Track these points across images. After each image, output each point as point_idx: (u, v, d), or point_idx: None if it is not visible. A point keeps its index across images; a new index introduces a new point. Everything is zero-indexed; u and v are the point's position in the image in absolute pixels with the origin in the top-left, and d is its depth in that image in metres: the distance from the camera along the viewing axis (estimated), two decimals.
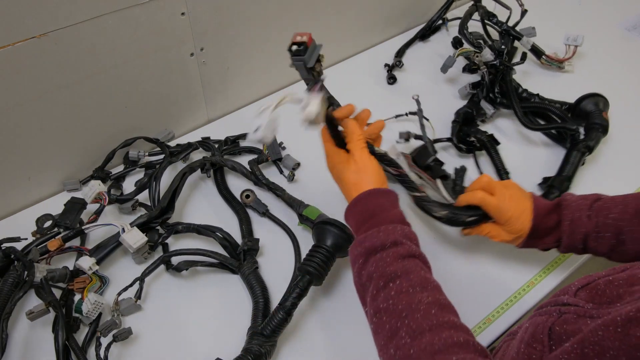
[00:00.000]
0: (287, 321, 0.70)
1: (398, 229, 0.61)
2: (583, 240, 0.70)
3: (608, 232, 0.69)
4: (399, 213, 0.65)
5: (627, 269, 0.54)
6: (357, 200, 0.65)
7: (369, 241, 0.60)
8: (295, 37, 0.63)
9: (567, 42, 1.13)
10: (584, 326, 0.47)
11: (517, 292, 0.80)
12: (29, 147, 0.84)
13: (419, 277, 0.56)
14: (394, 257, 0.58)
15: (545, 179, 0.92)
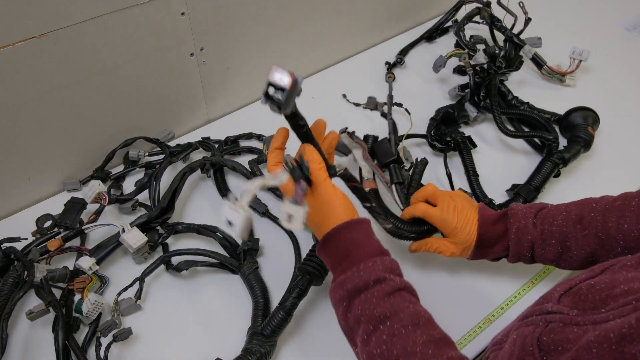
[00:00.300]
0: (287, 321, 0.70)
1: (378, 264, 0.58)
2: (530, 248, 0.71)
3: (553, 239, 0.69)
4: (375, 243, 0.61)
5: (606, 269, 0.54)
6: (328, 237, 0.61)
7: (350, 283, 0.57)
8: (274, 75, 0.54)
9: (573, 56, 1.11)
10: (571, 334, 0.47)
11: (501, 305, 0.80)
12: (29, 147, 0.84)
13: (409, 314, 0.55)
14: (379, 297, 0.56)
15: (514, 186, 0.91)
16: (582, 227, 0.69)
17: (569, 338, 0.47)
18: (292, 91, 0.54)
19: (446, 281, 0.82)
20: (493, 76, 1.03)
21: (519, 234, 0.71)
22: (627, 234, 0.65)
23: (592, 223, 0.68)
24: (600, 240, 0.67)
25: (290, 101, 0.55)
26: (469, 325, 0.76)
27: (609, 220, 0.67)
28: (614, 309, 0.46)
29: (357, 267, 0.58)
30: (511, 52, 1.12)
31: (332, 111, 1.09)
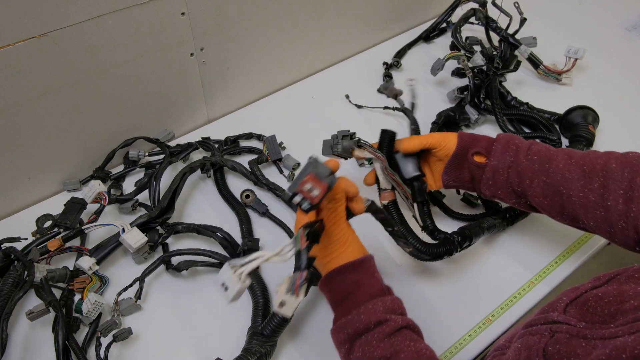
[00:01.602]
0: (287, 321, 0.70)
1: (379, 305, 0.59)
2: (514, 153, 0.72)
3: (536, 155, 0.71)
4: (376, 283, 0.62)
5: (611, 278, 0.54)
6: (333, 275, 0.62)
7: (351, 327, 0.58)
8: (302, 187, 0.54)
9: (568, 55, 1.11)
10: (579, 349, 0.47)
11: (501, 305, 0.80)
12: (29, 147, 0.84)
13: (409, 354, 0.55)
14: (379, 338, 0.56)
15: None
16: (569, 156, 0.70)
17: (577, 353, 0.46)
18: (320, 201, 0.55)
19: (446, 281, 0.82)
20: (493, 78, 1.03)
21: (509, 137, 0.74)
22: (612, 171, 0.65)
23: (581, 157, 0.69)
24: (582, 171, 0.67)
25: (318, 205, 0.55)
26: (469, 325, 0.76)
27: (598, 158, 0.67)
28: (624, 324, 0.46)
29: (357, 310, 0.59)
30: (506, 52, 1.12)
31: (332, 111, 1.09)
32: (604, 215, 0.65)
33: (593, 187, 0.66)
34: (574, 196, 0.67)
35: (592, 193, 0.66)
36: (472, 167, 0.75)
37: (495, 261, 0.84)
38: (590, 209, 0.66)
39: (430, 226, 0.79)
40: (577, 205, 0.67)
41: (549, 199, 0.70)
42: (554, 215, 0.72)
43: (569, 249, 0.85)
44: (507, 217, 0.86)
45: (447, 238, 0.78)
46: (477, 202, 0.90)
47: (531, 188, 0.71)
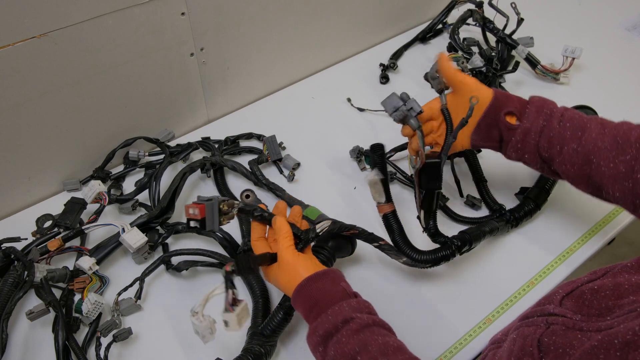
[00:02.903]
0: (287, 321, 0.70)
1: (344, 306, 0.61)
2: (548, 117, 0.71)
3: (569, 122, 0.70)
4: (341, 289, 0.64)
5: (607, 272, 0.54)
6: (298, 291, 0.64)
7: (321, 328, 0.60)
8: (188, 211, 0.64)
9: (565, 54, 1.11)
10: (575, 340, 0.47)
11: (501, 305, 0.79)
12: (29, 147, 0.84)
13: (377, 346, 0.56)
14: (348, 335, 0.58)
15: (523, 189, 0.91)
16: (602, 125, 0.69)
17: (573, 344, 0.47)
18: (207, 211, 0.64)
19: (446, 281, 0.82)
20: (492, 79, 1.03)
21: (542, 101, 0.73)
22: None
23: (614, 127, 0.68)
24: (615, 142, 0.66)
25: (213, 218, 0.64)
26: (469, 325, 0.76)
27: (633, 130, 0.67)
28: (619, 316, 0.46)
29: (325, 313, 0.61)
30: (503, 52, 1.12)
31: (332, 111, 1.09)
32: (632, 187, 0.65)
33: (625, 158, 0.65)
34: (604, 166, 0.67)
35: (623, 164, 0.65)
36: (502, 127, 0.73)
37: (495, 261, 0.84)
38: (619, 180, 0.66)
39: (432, 229, 0.79)
40: (605, 176, 0.67)
41: (577, 167, 0.69)
42: (578, 184, 0.72)
43: (569, 249, 0.85)
44: (511, 219, 0.86)
45: (446, 243, 0.78)
46: (480, 204, 0.90)
47: (560, 155, 0.70)
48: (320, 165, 0.98)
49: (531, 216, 0.88)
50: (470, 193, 0.91)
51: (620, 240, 1.08)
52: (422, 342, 0.58)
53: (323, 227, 0.73)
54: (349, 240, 0.76)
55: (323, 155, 1.00)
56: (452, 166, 0.90)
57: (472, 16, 1.17)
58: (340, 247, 0.75)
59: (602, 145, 0.67)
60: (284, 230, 0.68)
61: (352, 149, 0.97)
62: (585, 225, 0.88)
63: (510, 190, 0.92)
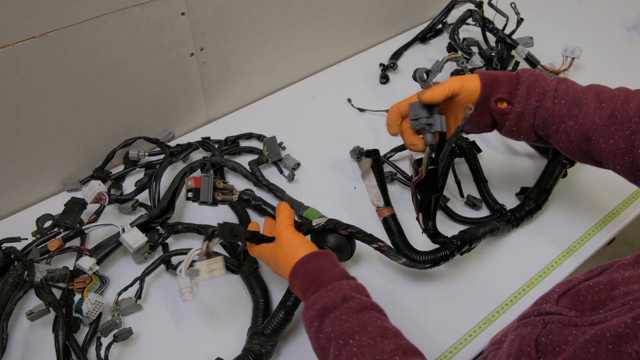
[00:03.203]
0: (288, 321, 0.70)
1: (344, 285, 0.61)
2: (540, 96, 0.69)
3: (564, 99, 0.68)
4: (341, 270, 0.64)
5: (605, 270, 0.54)
6: (296, 267, 0.64)
7: (319, 302, 0.59)
8: (187, 183, 0.70)
9: (565, 54, 1.11)
10: (570, 336, 0.47)
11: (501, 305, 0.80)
12: (29, 147, 0.84)
13: (376, 328, 0.56)
14: (348, 313, 0.57)
15: (523, 189, 0.91)
16: (599, 99, 0.67)
17: (567, 340, 0.47)
18: (202, 184, 0.70)
19: (446, 281, 0.82)
20: None
21: (533, 77, 0.70)
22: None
23: (611, 99, 0.67)
24: (613, 117, 0.65)
25: (208, 190, 0.70)
26: (469, 325, 0.76)
27: (630, 102, 0.65)
28: (612, 309, 0.46)
29: (325, 288, 0.60)
30: (503, 52, 1.12)
31: (332, 111, 1.09)
32: (632, 160, 0.64)
33: (624, 134, 0.64)
34: (603, 143, 0.66)
35: (623, 140, 0.64)
36: (495, 113, 0.72)
37: (495, 261, 0.84)
38: (619, 155, 0.65)
39: (431, 230, 0.79)
40: (605, 152, 0.66)
41: (575, 144, 0.68)
42: (577, 157, 0.71)
43: (569, 249, 0.85)
44: (512, 219, 0.86)
45: (445, 243, 0.78)
46: (480, 204, 0.90)
47: (557, 134, 0.69)
48: (320, 166, 0.98)
49: (532, 216, 0.88)
50: (471, 193, 0.91)
51: (620, 240, 1.08)
52: (422, 342, 0.58)
53: (319, 222, 0.74)
54: (349, 241, 0.76)
55: (323, 156, 1.00)
56: (452, 166, 0.89)
57: (471, 16, 1.17)
58: (340, 248, 0.75)
59: (600, 122, 0.66)
60: (286, 211, 0.69)
61: (352, 150, 0.97)
62: (586, 225, 0.88)
63: (510, 190, 0.92)
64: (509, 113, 0.71)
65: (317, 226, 0.74)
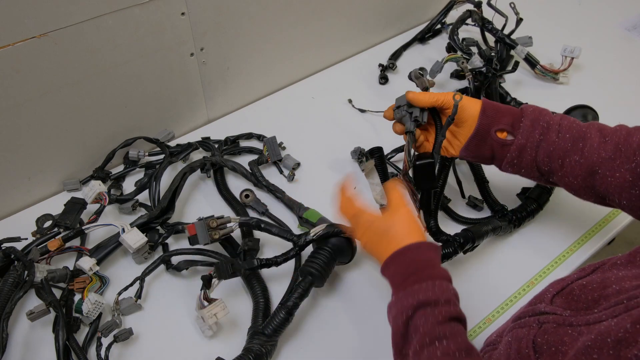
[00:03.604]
0: (288, 321, 0.70)
1: (451, 289, 0.60)
2: (544, 130, 0.68)
3: (568, 133, 0.68)
4: (446, 271, 0.62)
5: (597, 268, 0.54)
6: (408, 249, 0.62)
7: (423, 294, 0.58)
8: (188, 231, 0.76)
9: (564, 54, 1.11)
10: (566, 336, 0.47)
11: (501, 305, 0.80)
12: (29, 147, 0.84)
13: (464, 342, 0.55)
14: (444, 316, 0.56)
15: (524, 190, 0.90)
16: (602, 135, 0.67)
17: (564, 340, 0.47)
18: (197, 229, 0.75)
19: None
20: (492, 79, 1.03)
21: (537, 112, 0.70)
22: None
23: (614, 133, 0.67)
24: (617, 150, 0.65)
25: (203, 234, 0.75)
26: (469, 326, 0.76)
27: (633, 135, 0.65)
28: (606, 308, 0.47)
29: (432, 282, 0.59)
30: (502, 52, 1.12)
31: (332, 111, 1.09)
32: (639, 194, 0.64)
33: (630, 166, 0.64)
34: (610, 176, 0.65)
35: (629, 173, 0.64)
36: (495, 144, 0.71)
37: (495, 261, 0.84)
38: (626, 188, 0.65)
39: (433, 228, 0.79)
40: (611, 186, 0.66)
41: (580, 179, 0.68)
42: (581, 194, 0.70)
43: (569, 249, 0.85)
44: (513, 219, 0.86)
45: (448, 240, 0.78)
46: (482, 205, 0.90)
47: (561, 169, 0.69)
48: (321, 166, 0.98)
49: (533, 216, 0.88)
50: (472, 194, 0.91)
51: (620, 240, 1.08)
52: None
53: (317, 231, 0.74)
54: (350, 244, 0.76)
55: (323, 156, 1.00)
56: (453, 167, 0.89)
57: (471, 16, 1.17)
58: (341, 250, 0.75)
59: (605, 155, 0.66)
60: (400, 187, 0.68)
61: (353, 150, 0.97)
62: (586, 226, 0.89)
63: (511, 190, 0.92)
64: (510, 144, 0.70)
65: (315, 235, 0.74)
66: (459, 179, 0.90)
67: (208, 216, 0.76)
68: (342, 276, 0.82)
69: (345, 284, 0.81)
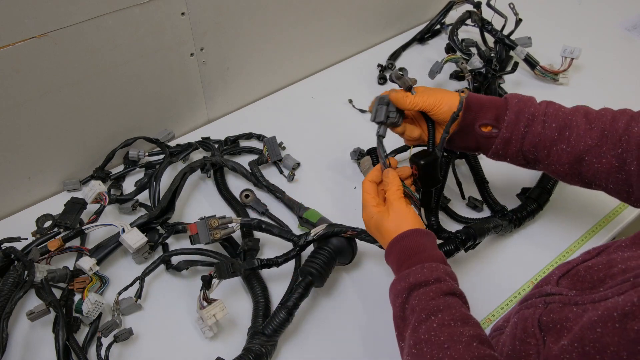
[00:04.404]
0: (288, 321, 0.70)
1: (441, 267, 0.62)
2: (528, 122, 0.69)
3: (554, 122, 0.69)
4: (439, 254, 0.65)
5: (601, 251, 0.55)
6: (400, 238, 0.65)
7: (413, 277, 0.61)
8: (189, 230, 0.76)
9: (564, 54, 1.11)
10: (570, 313, 0.48)
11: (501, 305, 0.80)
12: (29, 147, 0.84)
13: (460, 313, 0.57)
14: (436, 293, 0.59)
15: (524, 190, 0.90)
16: (588, 120, 0.68)
17: (568, 317, 0.48)
18: (199, 228, 0.76)
19: None
20: (492, 80, 1.03)
21: (522, 103, 0.71)
22: (634, 135, 0.65)
23: (599, 119, 0.68)
24: (603, 137, 0.66)
25: (205, 233, 0.75)
26: None
27: (619, 120, 0.67)
28: (612, 287, 0.47)
29: (421, 265, 0.62)
30: (502, 53, 1.12)
31: (332, 111, 1.09)
32: (625, 178, 0.65)
33: (616, 152, 0.65)
34: (597, 163, 0.67)
35: (615, 158, 0.65)
36: (480, 137, 0.72)
37: (497, 260, 0.84)
38: (612, 173, 0.66)
39: (434, 225, 0.79)
40: (598, 171, 0.67)
41: (567, 166, 0.69)
42: (569, 179, 0.71)
43: (569, 249, 0.85)
44: (514, 219, 0.86)
45: (450, 238, 0.78)
46: (482, 206, 0.90)
47: (548, 158, 0.70)
48: (320, 166, 0.98)
49: (533, 216, 0.88)
50: (472, 194, 0.91)
51: None
52: None
53: (317, 231, 0.74)
54: (350, 244, 0.76)
55: (323, 156, 1.00)
56: (453, 168, 0.89)
57: (470, 17, 1.17)
58: (341, 250, 0.75)
59: (592, 143, 0.67)
60: (397, 180, 0.69)
61: (353, 151, 0.97)
62: (587, 224, 0.89)
63: (511, 191, 0.92)
64: (494, 137, 0.71)
65: (315, 235, 0.74)
66: (458, 179, 0.90)
67: (210, 216, 0.76)
68: (342, 276, 0.82)
69: (345, 284, 0.81)
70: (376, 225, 0.69)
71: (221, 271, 0.71)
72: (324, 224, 0.76)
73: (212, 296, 0.71)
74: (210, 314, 0.69)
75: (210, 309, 0.69)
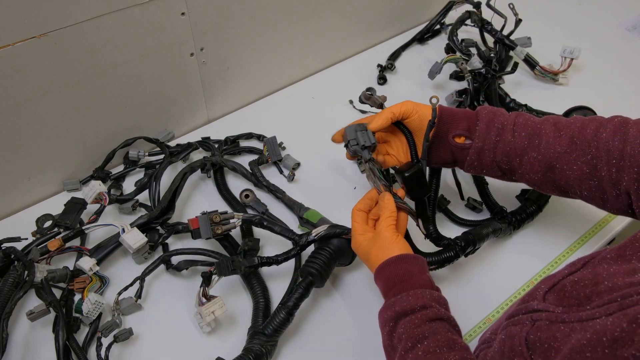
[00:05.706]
0: (289, 321, 0.70)
1: (427, 294, 0.62)
2: (499, 131, 0.70)
3: (524, 131, 0.70)
4: (427, 278, 0.65)
5: (586, 262, 0.55)
6: (386, 264, 0.65)
7: (398, 305, 0.61)
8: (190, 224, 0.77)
9: (564, 55, 1.12)
10: (558, 332, 0.48)
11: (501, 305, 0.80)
12: (29, 147, 0.84)
13: (446, 338, 0.57)
14: (422, 320, 0.59)
15: (524, 192, 0.90)
16: (557, 129, 0.69)
17: (556, 336, 0.48)
18: (200, 223, 0.76)
19: (446, 282, 0.82)
20: (492, 80, 1.03)
21: (492, 114, 0.72)
22: (603, 141, 0.65)
23: (568, 127, 0.68)
24: (572, 143, 0.67)
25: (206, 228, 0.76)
26: (469, 326, 0.76)
27: (587, 127, 0.67)
28: (599, 306, 0.47)
29: (407, 292, 0.62)
30: (502, 53, 1.12)
31: (332, 111, 1.09)
32: (598, 184, 0.66)
33: (586, 158, 0.66)
34: (568, 170, 0.67)
35: (586, 165, 0.66)
36: (454, 149, 0.74)
37: (495, 262, 0.84)
38: (585, 180, 0.67)
39: (433, 234, 0.79)
40: (570, 178, 0.68)
41: (540, 174, 0.70)
42: (544, 188, 0.72)
43: (569, 249, 0.86)
44: (513, 221, 0.86)
45: (450, 244, 0.78)
46: (481, 207, 0.90)
47: (521, 167, 0.71)
48: (320, 166, 0.98)
49: (533, 218, 0.88)
50: (472, 196, 0.91)
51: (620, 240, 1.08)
52: None
53: (319, 231, 0.74)
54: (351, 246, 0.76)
55: (323, 156, 1.00)
56: (453, 170, 0.89)
57: (470, 17, 1.17)
58: (342, 251, 0.75)
59: (561, 150, 0.68)
60: (390, 209, 0.69)
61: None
62: (585, 226, 0.89)
63: (511, 192, 0.92)
64: (468, 148, 0.72)
65: (316, 236, 0.74)
66: (458, 181, 0.90)
67: (212, 211, 0.76)
68: (342, 276, 0.82)
69: (345, 284, 0.81)
70: (364, 254, 0.69)
71: (221, 268, 0.71)
72: (325, 225, 0.76)
73: (212, 293, 0.71)
74: (209, 310, 0.69)
75: (209, 305, 0.69)
